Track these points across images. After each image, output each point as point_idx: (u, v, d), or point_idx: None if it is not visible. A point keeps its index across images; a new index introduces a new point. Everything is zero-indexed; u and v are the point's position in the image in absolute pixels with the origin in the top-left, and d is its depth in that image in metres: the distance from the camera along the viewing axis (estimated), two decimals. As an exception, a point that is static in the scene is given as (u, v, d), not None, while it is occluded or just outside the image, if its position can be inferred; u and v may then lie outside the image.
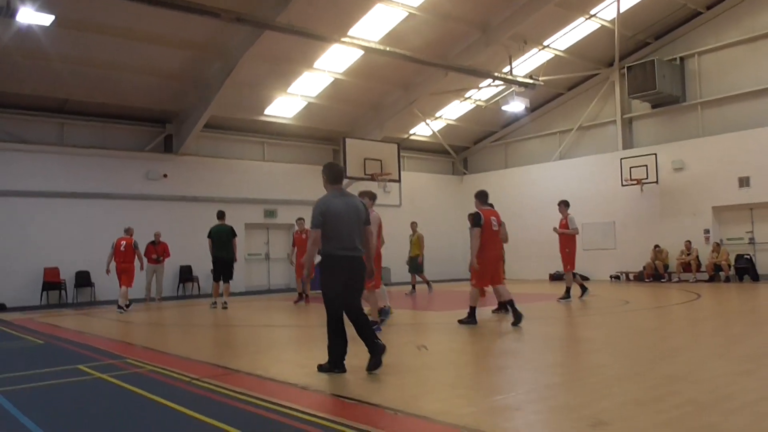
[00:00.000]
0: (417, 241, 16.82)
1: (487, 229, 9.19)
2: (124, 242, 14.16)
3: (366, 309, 10.48)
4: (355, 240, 5.96)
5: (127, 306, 13.89)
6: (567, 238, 13.15)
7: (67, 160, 17.39)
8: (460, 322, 9.36)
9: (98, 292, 17.34)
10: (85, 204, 17.49)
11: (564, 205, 13.37)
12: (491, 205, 9.81)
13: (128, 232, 14.49)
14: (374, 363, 5.82)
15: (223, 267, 13.86)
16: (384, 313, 9.63)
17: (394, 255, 17.82)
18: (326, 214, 5.87)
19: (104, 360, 7.17)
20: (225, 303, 13.82)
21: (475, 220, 9.18)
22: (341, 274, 5.91)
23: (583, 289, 13.17)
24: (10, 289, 16.13)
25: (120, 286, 14.00)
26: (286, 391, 5.25)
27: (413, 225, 17.27)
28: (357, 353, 6.72)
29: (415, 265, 16.86)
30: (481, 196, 9.60)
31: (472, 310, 9.38)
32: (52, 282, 16.68)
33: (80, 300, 17.16)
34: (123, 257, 14.06)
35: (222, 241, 13.73)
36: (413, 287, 17.23)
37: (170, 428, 4.33)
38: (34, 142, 17.04)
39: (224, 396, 5.08)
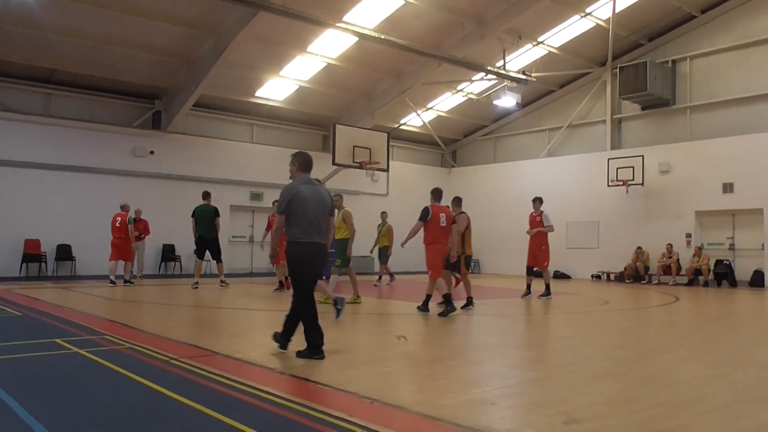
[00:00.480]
0: (387, 232, 16.45)
1: (434, 225, 9.71)
2: (119, 218, 14.36)
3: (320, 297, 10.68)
4: (320, 228, 6.03)
5: (125, 281, 14.33)
6: (544, 236, 13.19)
7: (53, 131, 17.17)
8: (440, 315, 9.46)
9: (79, 266, 17.21)
10: (69, 177, 17.30)
11: (539, 201, 13.45)
12: (458, 200, 10.86)
13: (124, 208, 14.65)
14: (308, 354, 5.87)
15: (207, 246, 14.02)
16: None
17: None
18: (294, 201, 5.89)
19: (82, 335, 7.13)
20: (223, 282, 14.22)
21: (421, 214, 9.78)
22: (309, 262, 5.98)
23: (528, 290, 13.15)
24: (-11, 259, 15.97)
25: (110, 259, 14.29)
26: (264, 375, 5.25)
27: (383, 215, 16.92)
28: (337, 339, 6.75)
29: (385, 256, 16.50)
30: (434, 194, 10.12)
31: (446, 297, 9.63)
32: (32, 254, 16.53)
33: (60, 273, 17.02)
34: (118, 233, 14.31)
35: (205, 221, 13.86)
36: (391, 276, 17.19)
37: (145, 406, 4.31)
38: (19, 111, 16.80)
39: (201, 377, 5.06)
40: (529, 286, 13.19)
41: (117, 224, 14.28)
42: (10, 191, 16.36)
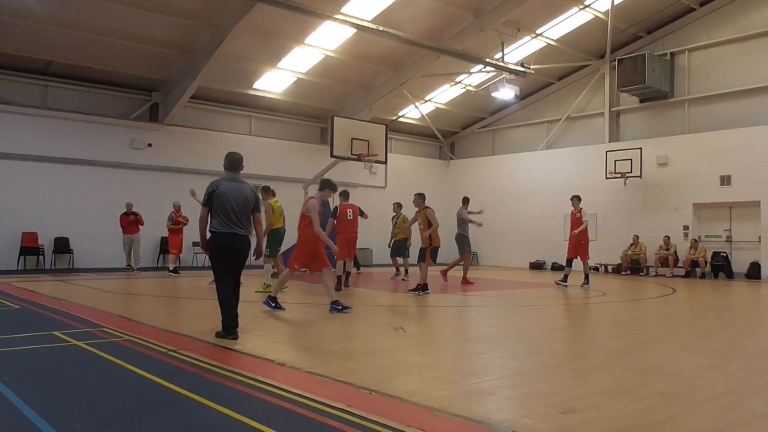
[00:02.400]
0: (403, 224, 15.34)
1: (342, 219, 12.25)
2: (173, 215, 15.96)
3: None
4: (238, 220, 6.59)
5: (173, 270, 15.60)
6: (585, 231, 14.21)
7: (50, 123, 17.12)
8: (337, 289, 10.69)
9: (77, 258, 17.21)
10: (66, 170, 17.26)
11: (578, 199, 14.33)
12: (421, 196, 12.27)
13: (174, 206, 16.00)
14: (224, 335, 6.43)
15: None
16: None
17: (376, 236, 17.76)
18: (213, 195, 6.55)
19: (80, 327, 7.15)
20: None
21: (333, 212, 12.37)
22: (222, 248, 6.55)
23: (587, 280, 14.25)
24: (-13, 251, 15.95)
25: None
26: (263, 366, 5.27)
27: (397, 207, 16.25)
28: (336, 331, 6.77)
29: (404, 248, 15.40)
30: (343, 195, 12.59)
31: (338, 279, 11.73)
32: (30, 247, 16.52)
33: (58, 266, 17.02)
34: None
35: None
36: (400, 270, 16.09)
37: (144, 398, 4.34)
38: (16, 103, 16.75)
39: (199, 368, 5.09)
40: (587, 276, 14.22)
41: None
42: (6, 184, 16.32)
